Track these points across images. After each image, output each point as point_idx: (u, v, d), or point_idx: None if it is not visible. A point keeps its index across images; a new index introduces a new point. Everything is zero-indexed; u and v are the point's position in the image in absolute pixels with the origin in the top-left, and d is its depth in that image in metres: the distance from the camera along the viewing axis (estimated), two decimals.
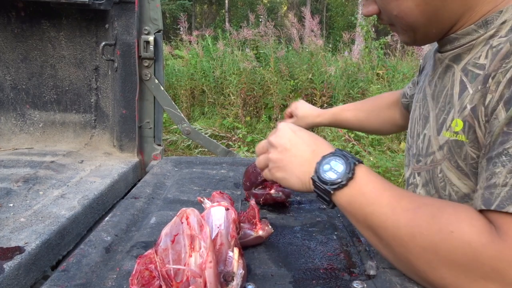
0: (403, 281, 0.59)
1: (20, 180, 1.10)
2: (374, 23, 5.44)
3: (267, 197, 0.85)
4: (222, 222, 0.62)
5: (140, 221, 0.81)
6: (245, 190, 0.90)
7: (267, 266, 0.64)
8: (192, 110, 5.49)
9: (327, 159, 0.61)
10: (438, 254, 0.51)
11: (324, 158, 0.62)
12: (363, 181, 0.59)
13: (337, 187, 0.59)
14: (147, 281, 0.52)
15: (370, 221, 0.58)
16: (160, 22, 1.43)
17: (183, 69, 5.67)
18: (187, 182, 1.05)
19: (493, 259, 0.47)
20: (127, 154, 1.46)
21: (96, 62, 1.51)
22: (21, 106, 1.53)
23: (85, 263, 0.64)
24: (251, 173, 0.87)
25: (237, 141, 4.44)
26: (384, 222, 0.56)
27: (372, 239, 0.59)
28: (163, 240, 0.54)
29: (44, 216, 0.91)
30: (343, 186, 0.59)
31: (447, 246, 0.50)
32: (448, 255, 0.50)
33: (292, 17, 6.03)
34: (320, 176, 0.61)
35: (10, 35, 1.47)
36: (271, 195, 0.85)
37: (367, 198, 0.58)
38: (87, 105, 1.55)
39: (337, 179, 0.59)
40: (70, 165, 1.28)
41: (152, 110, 1.50)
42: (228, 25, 7.16)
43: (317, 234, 0.76)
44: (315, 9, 17.47)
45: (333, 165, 0.60)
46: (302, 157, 0.65)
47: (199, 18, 20.04)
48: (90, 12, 1.44)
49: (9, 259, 0.73)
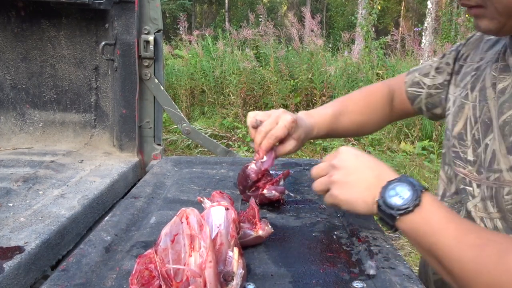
0: (403, 281, 0.59)
1: (20, 180, 1.10)
2: (374, 23, 5.45)
3: (261, 197, 0.84)
4: (222, 222, 0.62)
5: (140, 221, 0.81)
6: (241, 194, 0.91)
7: (267, 266, 0.64)
8: (192, 110, 5.50)
9: (393, 184, 0.61)
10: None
11: (389, 183, 0.62)
12: (429, 209, 0.59)
13: (403, 212, 0.59)
14: (147, 281, 0.52)
15: (434, 251, 0.58)
16: (160, 21, 1.43)
17: (183, 69, 5.67)
18: (187, 182, 1.04)
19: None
20: (127, 154, 1.46)
21: (96, 61, 1.51)
22: (21, 105, 1.53)
23: (85, 263, 0.63)
24: (242, 176, 0.87)
25: (237, 141, 4.44)
26: (448, 254, 0.56)
27: (435, 265, 0.60)
28: (163, 240, 0.54)
29: (44, 215, 0.91)
30: (409, 212, 0.59)
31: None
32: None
33: (292, 17, 6.03)
34: (386, 201, 0.61)
35: (10, 35, 1.46)
36: (264, 195, 0.84)
37: (432, 227, 0.58)
38: (87, 105, 1.54)
39: (403, 205, 0.59)
40: (70, 164, 1.28)
41: (152, 110, 1.50)
42: (228, 25, 7.17)
43: (317, 234, 0.76)
44: (315, 9, 17.47)
45: (399, 191, 0.60)
46: (367, 181, 0.65)
47: (199, 18, 20.03)
48: (90, 12, 1.44)
49: (9, 258, 0.73)
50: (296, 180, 1.08)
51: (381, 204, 0.61)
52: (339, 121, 1.00)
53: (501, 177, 0.64)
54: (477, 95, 0.74)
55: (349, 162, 0.68)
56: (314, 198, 0.95)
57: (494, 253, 0.53)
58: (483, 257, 0.53)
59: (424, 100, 0.95)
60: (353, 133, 1.12)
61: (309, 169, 1.16)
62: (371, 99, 1.04)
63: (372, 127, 1.09)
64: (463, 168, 0.74)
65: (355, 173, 0.66)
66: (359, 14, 7.58)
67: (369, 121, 1.06)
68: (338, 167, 0.68)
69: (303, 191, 1.00)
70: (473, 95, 0.75)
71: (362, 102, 1.05)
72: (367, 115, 1.04)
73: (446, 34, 6.99)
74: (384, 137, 4.28)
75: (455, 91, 0.83)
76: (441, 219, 0.58)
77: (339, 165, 0.68)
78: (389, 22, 17.31)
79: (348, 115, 1.02)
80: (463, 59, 0.86)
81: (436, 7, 8.81)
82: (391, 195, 0.61)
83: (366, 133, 1.14)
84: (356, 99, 1.06)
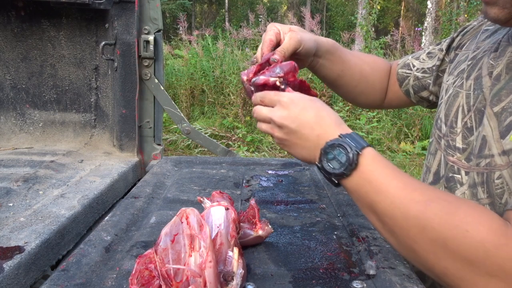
0: (403, 281, 0.59)
1: (20, 180, 1.10)
2: (374, 23, 5.44)
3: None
4: (222, 222, 0.62)
5: (140, 221, 0.81)
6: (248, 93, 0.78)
7: (267, 266, 0.64)
8: (192, 110, 5.50)
9: (331, 146, 0.60)
10: (447, 248, 0.51)
11: (328, 145, 0.61)
12: (369, 169, 0.58)
13: (340, 177, 0.60)
14: (146, 281, 0.52)
15: (376, 208, 0.58)
16: (160, 21, 1.43)
17: (183, 69, 5.67)
18: (187, 181, 1.05)
19: (504, 260, 0.48)
20: (127, 154, 1.46)
21: (96, 61, 1.51)
22: (21, 105, 1.53)
23: (85, 263, 0.63)
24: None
25: (237, 141, 4.44)
26: (391, 211, 0.56)
27: (376, 224, 0.60)
28: (163, 239, 0.54)
29: (44, 215, 0.91)
30: (346, 176, 0.59)
31: (458, 242, 0.50)
32: (457, 251, 0.51)
33: (291, 17, 6.04)
34: (324, 166, 0.61)
35: (10, 35, 1.46)
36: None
37: (373, 186, 0.57)
38: (87, 105, 1.54)
39: (340, 170, 0.59)
40: (70, 164, 1.28)
41: (152, 110, 1.50)
42: (228, 25, 7.16)
43: (317, 234, 0.76)
44: (315, 8, 17.48)
45: (337, 153, 0.60)
46: (307, 141, 0.64)
47: (199, 18, 20.03)
48: (90, 12, 1.44)
49: (9, 258, 0.73)
50: (296, 180, 1.08)
51: (320, 168, 0.62)
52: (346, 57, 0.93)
53: (492, 162, 0.64)
54: (471, 84, 0.73)
55: (290, 118, 0.64)
56: (314, 198, 0.95)
57: (440, 209, 0.53)
58: (427, 213, 0.53)
59: (411, 82, 0.96)
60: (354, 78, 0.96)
61: (309, 169, 1.17)
62: (376, 61, 1.03)
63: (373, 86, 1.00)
64: (451, 155, 0.74)
65: (296, 131, 0.64)
66: (359, 14, 7.57)
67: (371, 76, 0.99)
68: (278, 123, 0.66)
69: (303, 191, 1.00)
70: (467, 83, 0.74)
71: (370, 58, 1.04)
72: (371, 69, 0.99)
73: (446, 34, 6.98)
74: (384, 137, 4.28)
75: (448, 78, 0.82)
76: (383, 177, 0.57)
77: (280, 122, 0.65)
78: (389, 22, 17.32)
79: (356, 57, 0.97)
80: (459, 48, 0.86)
81: (436, 7, 8.81)
82: (329, 158, 0.60)
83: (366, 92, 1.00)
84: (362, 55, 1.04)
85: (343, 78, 0.94)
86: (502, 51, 0.69)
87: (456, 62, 0.83)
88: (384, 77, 1.02)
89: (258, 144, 4.42)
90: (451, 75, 0.82)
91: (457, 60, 0.83)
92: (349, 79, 0.95)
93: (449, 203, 0.54)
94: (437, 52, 0.92)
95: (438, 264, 0.53)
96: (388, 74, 1.03)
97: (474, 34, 0.84)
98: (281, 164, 1.23)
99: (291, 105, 0.65)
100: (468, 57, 0.79)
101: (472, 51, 0.79)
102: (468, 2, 7.33)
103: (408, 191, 0.56)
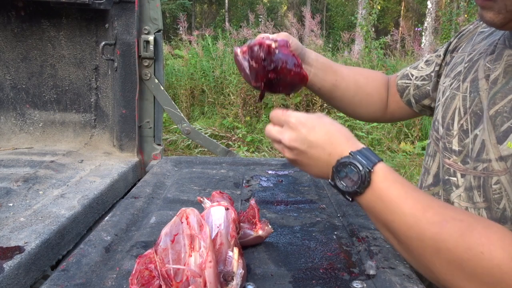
0: (403, 281, 0.59)
1: (20, 180, 1.10)
2: (374, 23, 5.44)
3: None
4: (222, 222, 0.62)
5: (140, 221, 0.81)
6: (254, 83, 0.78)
7: (267, 266, 0.64)
8: (192, 110, 5.49)
9: (343, 165, 0.60)
10: (463, 270, 0.51)
11: (339, 163, 0.61)
12: (382, 187, 0.58)
13: (353, 195, 0.60)
14: (146, 281, 0.52)
15: (390, 227, 0.57)
16: (160, 21, 1.43)
17: (183, 69, 5.67)
18: (187, 181, 1.05)
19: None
20: (127, 154, 1.46)
21: (96, 61, 1.51)
22: (21, 105, 1.53)
23: (85, 263, 0.63)
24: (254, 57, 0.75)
25: (237, 141, 4.44)
26: (406, 232, 0.55)
27: (392, 241, 0.60)
28: (163, 240, 0.54)
29: (44, 215, 0.91)
30: (359, 194, 0.59)
31: (474, 265, 0.50)
32: (473, 273, 0.51)
33: (291, 17, 6.04)
34: (337, 184, 0.61)
35: (10, 35, 1.46)
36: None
37: (387, 205, 0.57)
38: (87, 105, 1.55)
39: (353, 188, 0.59)
40: (70, 164, 1.28)
41: (152, 110, 1.50)
42: (228, 25, 7.16)
43: (317, 234, 0.76)
44: (315, 9, 17.47)
45: (349, 171, 0.59)
46: (318, 161, 0.64)
47: (199, 18, 20.03)
48: (90, 12, 1.44)
49: (9, 258, 0.73)
50: (296, 180, 1.08)
51: (333, 186, 0.62)
52: (337, 68, 0.93)
53: (489, 167, 0.64)
54: (468, 86, 0.73)
55: (300, 140, 0.64)
56: (314, 198, 0.95)
57: (455, 231, 0.53)
58: (443, 234, 0.53)
59: (412, 91, 0.95)
60: (350, 89, 0.95)
61: None
62: (370, 72, 1.05)
63: (370, 97, 0.99)
64: (448, 158, 0.73)
65: (307, 152, 0.64)
66: (359, 14, 7.58)
67: (367, 86, 0.99)
68: (288, 145, 0.65)
69: (303, 191, 1.00)
70: (464, 86, 0.74)
71: (363, 70, 1.05)
72: (366, 79, 1.00)
73: (446, 34, 6.98)
74: (384, 137, 4.28)
75: (444, 81, 0.82)
76: (397, 196, 0.57)
77: (290, 144, 0.65)
78: (389, 22, 17.31)
79: (348, 69, 0.98)
80: (455, 51, 0.86)
81: (436, 7, 8.82)
82: (341, 176, 0.60)
83: (365, 103, 0.99)
84: (356, 68, 1.05)
85: (339, 88, 0.93)
86: (498, 54, 0.69)
87: (452, 64, 0.83)
88: (381, 88, 1.01)
89: (258, 144, 4.42)
90: (447, 77, 0.82)
91: (453, 62, 0.83)
92: (344, 90, 0.94)
93: (465, 223, 0.54)
94: (434, 59, 0.92)
95: (455, 283, 0.53)
96: (385, 86, 1.02)
97: (470, 37, 0.84)
98: (281, 164, 1.23)
99: (299, 125, 0.65)
100: (464, 60, 0.79)
101: (468, 53, 0.79)
102: (468, 2, 7.33)
103: (423, 211, 0.55)
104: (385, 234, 0.61)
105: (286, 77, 0.74)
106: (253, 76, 0.74)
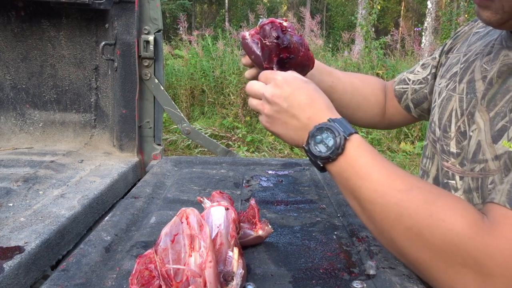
0: (403, 281, 0.59)
1: (20, 180, 1.10)
2: (374, 23, 5.45)
3: None
4: (222, 222, 0.62)
5: (140, 221, 0.82)
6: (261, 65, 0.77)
7: (267, 266, 0.64)
8: (192, 110, 5.49)
9: (320, 130, 0.61)
10: (422, 236, 0.52)
11: (316, 129, 0.62)
12: (354, 155, 0.59)
13: (325, 161, 0.61)
14: (146, 281, 0.52)
15: (357, 194, 0.59)
16: (160, 21, 1.43)
17: (183, 69, 5.67)
18: (187, 181, 1.05)
19: (477, 252, 0.48)
20: (127, 154, 1.46)
21: (96, 61, 1.51)
22: (21, 105, 1.53)
23: (85, 263, 0.63)
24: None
25: (237, 141, 4.44)
26: (372, 197, 0.57)
27: (356, 208, 0.61)
28: (163, 240, 0.54)
29: (44, 215, 0.91)
30: (332, 160, 0.60)
31: (433, 231, 0.51)
32: (432, 239, 0.51)
33: (291, 17, 6.03)
34: (311, 149, 0.62)
35: (10, 35, 1.46)
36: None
37: (356, 172, 0.59)
38: (87, 105, 1.55)
39: (326, 154, 0.60)
40: (70, 164, 1.28)
41: (152, 110, 1.50)
42: (228, 25, 7.16)
43: (317, 234, 0.76)
44: (315, 8, 17.48)
45: (325, 137, 0.61)
46: (297, 122, 0.65)
47: (199, 18, 20.03)
48: (90, 12, 1.44)
49: (9, 258, 0.73)
50: (296, 180, 1.08)
51: (306, 150, 0.63)
52: (332, 70, 0.95)
53: (486, 167, 0.64)
54: (464, 87, 0.73)
55: (283, 97, 0.65)
56: (314, 198, 0.95)
57: (419, 198, 0.54)
58: (407, 202, 0.54)
59: (410, 96, 0.95)
60: (347, 91, 0.96)
61: (309, 169, 1.17)
62: (365, 76, 1.06)
63: (367, 100, 0.99)
64: (446, 161, 0.73)
65: (287, 111, 0.65)
66: (359, 14, 7.58)
67: (364, 89, 0.99)
68: (270, 100, 0.67)
69: (303, 191, 1.00)
70: (460, 87, 0.74)
71: (358, 74, 1.06)
72: (361, 82, 1.01)
73: (446, 34, 6.99)
74: (384, 137, 4.28)
75: (440, 82, 0.82)
76: (368, 163, 0.59)
77: (272, 99, 0.66)
78: (389, 22, 17.31)
79: (343, 72, 0.99)
80: (450, 52, 0.86)
81: (436, 7, 8.82)
82: (317, 141, 0.61)
83: (363, 107, 0.99)
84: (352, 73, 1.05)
85: (336, 91, 0.93)
86: (495, 54, 0.69)
87: (447, 65, 0.83)
88: (377, 92, 1.02)
89: (258, 144, 4.42)
90: (443, 78, 0.81)
91: (448, 63, 0.83)
92: (341, 93, 0.94)
93: (429, 192, 0.55)
94: (430, 62, 0.92)
95: (412, 251, 0.54)
96: (382, 90, 1.02)
97: (465, 37, 0.84)
98: (281, 164, 1.23)
99: (285, 84, 0.66)
100: (460, 60, 0.79)
101: (463, 53, 0.79)
102: (468, 2, 7.33)
103: (391, 179, 0.57)
104: (350, 202, 0.62)
105: (297, 57, 0.75)
106: (266, 55, 0.75)
